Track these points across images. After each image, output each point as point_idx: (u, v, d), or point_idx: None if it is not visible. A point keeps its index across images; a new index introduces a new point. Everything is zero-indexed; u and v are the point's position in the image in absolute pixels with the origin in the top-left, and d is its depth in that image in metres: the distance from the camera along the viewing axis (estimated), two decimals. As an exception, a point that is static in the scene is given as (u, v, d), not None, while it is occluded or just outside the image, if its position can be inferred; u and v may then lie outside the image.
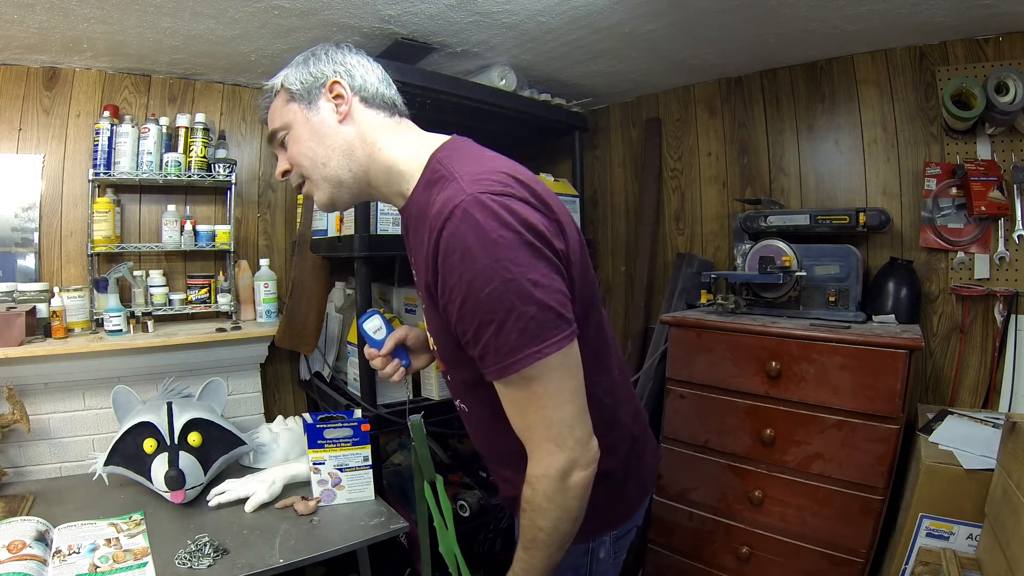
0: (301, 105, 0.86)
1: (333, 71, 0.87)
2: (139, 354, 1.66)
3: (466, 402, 0.94)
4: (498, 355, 0.70)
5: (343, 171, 0.86)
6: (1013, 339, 1.55)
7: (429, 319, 0.87)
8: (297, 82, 0.87)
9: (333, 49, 0.89)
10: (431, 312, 0.82)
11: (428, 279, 0.74)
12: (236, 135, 2.00)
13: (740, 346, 1.55)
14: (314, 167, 0.86)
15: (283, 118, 0.88)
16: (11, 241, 1.67)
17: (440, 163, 0.79)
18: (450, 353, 0.84)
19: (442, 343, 0.85)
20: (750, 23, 1.61)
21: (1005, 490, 1.08)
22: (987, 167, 1.57)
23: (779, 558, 1.50)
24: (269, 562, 1.14)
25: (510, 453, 0.86)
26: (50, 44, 1.56)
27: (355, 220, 1.47)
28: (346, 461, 1.41)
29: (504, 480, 0.99)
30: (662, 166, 2.33)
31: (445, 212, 0.69)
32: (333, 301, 1.90)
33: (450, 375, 0.94)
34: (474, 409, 0.93)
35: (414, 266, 0.90)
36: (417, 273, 0.84)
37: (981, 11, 1.45)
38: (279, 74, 0.90)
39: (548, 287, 0.69)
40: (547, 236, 0.71)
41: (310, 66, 0.87)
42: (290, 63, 0.90)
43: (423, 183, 0.81)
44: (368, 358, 1.05)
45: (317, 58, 0.88)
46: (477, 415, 0.93)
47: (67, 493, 1.45)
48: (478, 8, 1.49)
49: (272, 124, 0.90)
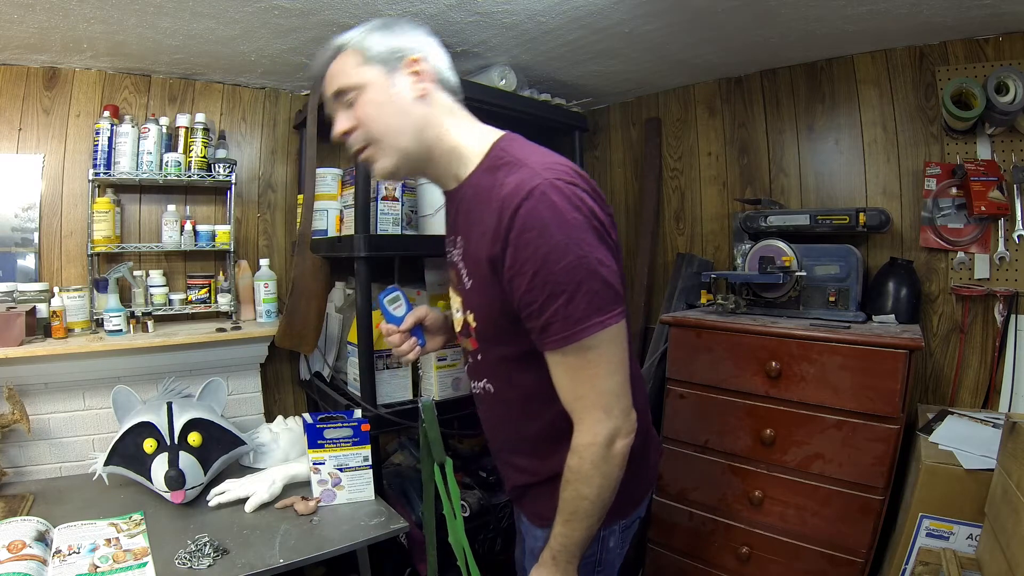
0: (379, 70, 0.86)
1: (414, 47, 0.88)
2: (139, 354, 1.66)
3: (495, 382, 0.95)
4: (566, 323, 0.75)
5: (413, 146, 0.88)
6: (1013, 339, 1.55)
7: (476, 293, 0.89)
8: (377, 46, 0.86)
9: (411, 25, 0.90)
10: (481, 286, 0.86)
11: (492, 252, 0.79)
12: (236, 135, 2.00)
13: (740, 346, 1.55)
14: (388, 134, 0.88)
15: (356, 78, 0.87)
16: (11, 241, 1.67)
17: (504, 151, 0.86)
18: (493, 328, 0.88)
19: (485, 317, 0.88)
20: (750, 23, 1.61)
21: (1005, 490, 1.08)
22: (987, 167, 1.57)
23: (779, 558, 1.50)
24: (269, 562, 1.14)
25: (532, 437, 0.92)
26: (50, 44, 1.56)
27: (355, 220, 1.47)
28: (346, 461, 1.41)
29: (517, 469, 1.00)
30: (662, 166, 2.33)
31: (522, 192, 0.75)
32: (333, 301, 1.90)
33: (483, 353, 0.94)
34: (502, 389, 0.94)
35: (460, 245, 0.92)
36: (470, 250, 0.88)
37: (981, 11, 1.45)
38: (349, 34, 0.88)
39: (610, 267, 0.77)
40: (607, 225, 0.81)
41: (392, 35, 0.88)
42: (362, 26, 0.89)
43: (484, 168, 0.86)
44: (385, 334, 1.05)
45: (399, 30, 0.89)
46: (503, 396, 0.95)
47: (67, 493, 1.45)
48: (478, 8, 1.49)
49: (340, 81, 0.88)
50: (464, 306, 0.93)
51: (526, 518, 1.06)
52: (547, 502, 0.93)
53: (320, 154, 1.83)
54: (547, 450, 0.93)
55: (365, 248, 1.43)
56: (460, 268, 0.92)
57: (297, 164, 2.09)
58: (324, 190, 1.74)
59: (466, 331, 0.96)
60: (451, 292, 1.01)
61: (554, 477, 0.90)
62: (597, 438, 0.81)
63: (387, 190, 1.55)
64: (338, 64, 0.89)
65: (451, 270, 0.98)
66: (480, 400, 1.02)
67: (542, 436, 0.89)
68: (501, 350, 0.91)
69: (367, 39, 0.87)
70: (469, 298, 0.91)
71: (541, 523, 1.00)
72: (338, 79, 0.88)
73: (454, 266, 0.95)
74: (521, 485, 1.02)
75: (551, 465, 0.92)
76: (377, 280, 1.97)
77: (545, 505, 0.94)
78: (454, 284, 0.97)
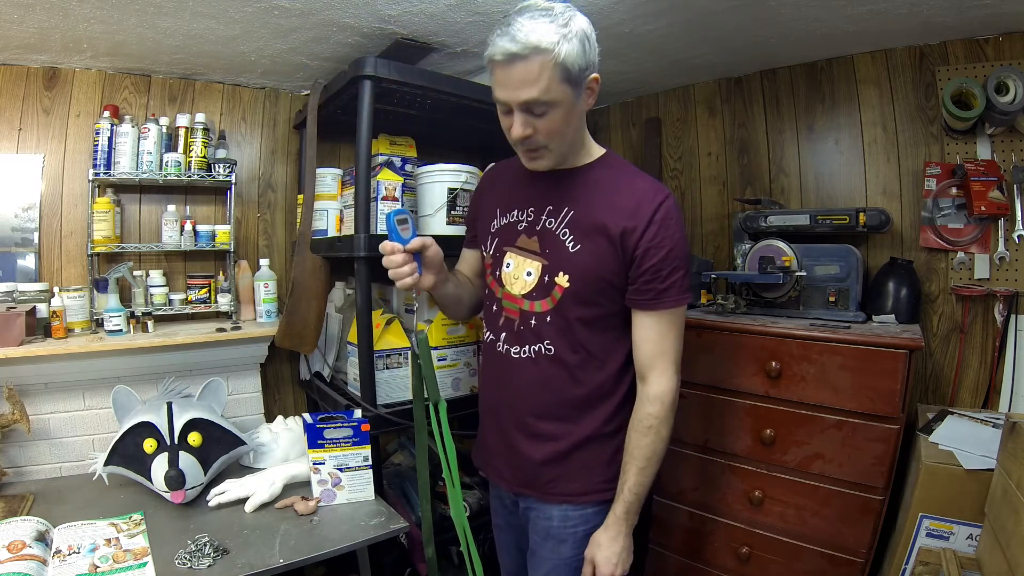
0: (571, 89, 0.93)
1: (596, 61, 0.95)
2: (139, 354, 1.66)
3: (558, 343, 1.05)
4: (680, 290, 1.00)
5: (569, 147, 1.04)
6: (1013, 339, 1.55)
7: (583, 255, 1.02)
8: (575, 65, 0.90)
9: (591, 27, 0.94)
10: (594, 250, 1.01)
11: (628, 226, 0.99)
12: (236, 135, 2.00)
13: (740, 346, 1.55)
14: (562, 144, 1.01)
15: (553, 94, 0.91)
16: (11, 241, 1.67)
17: (619, 159, 1.11)
18: (591, 289, 1.02)
19: (589, 278, 1.02)
20: (750, 23, 1.61)
21: (1005, 490, 1.08)
22: (987, 167, 1.57)
23: (779, 558, 1.50)
24: (269, 562, 1.14)
25: (574, 400, 1.06)
26: (50, 44, 1.56)
27: (355, 220, 1.47)
28: (346, 461, 1.41)
29: (543, 438, 1.08)
30: (662, 166, 2.33)
31: (662, 193, 1.02)
32: (333, 301, 1.90)
33: (556, 315, 1.04)
34: (564, 350, 1.05)
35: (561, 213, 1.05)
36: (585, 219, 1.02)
37: (981, 11, 1.45)
38: (549, 37, 0.88)
39: None
40: None
41: (586, 51, 0.92)
42: (558, 30, 0.88)
43: (602, 164, 1.08)
44: (387, 252, 1.03)
45: (590, 43, 0.93)
46: (562, 358, 1.05)
47: (67, 493, 1.45)
48: (478, 8, 1.49)
49: (537, 95, 0.91)
50: (551, 268, 1.04)
51: (535, 499, 1.10)
52: (575, 474, 1.07)
53: (320, 154, 1.83)
54: (583, 414, 1.07)
55: (365, 248, 1.43)
56: (555, 233, 1.04)
57: (297, 164, 2.10)
58: (324, 190, 1.74)
59: (539, 293, 1.05)
60: (515, 254, 1.10)
61: (583, 443, 1.06)
62: (671, 386, 1.02)
63: (387, 190, 1.55)
64: (535, 72, 0.89)
65: (524, 235, 1.09)
66: (517, 366, 1.09)
67: (583, 399, 1.05)
68: (585, 311, 1.03)
69: (569, 54, 0.89)
70: (567, 260, 1.02)
71: (560, 499, 1.09)
72: (534, 91, 0.91)
73: (534, 231, 1.07)
74: (539, 461, 1.08)
75: (583, 429, 1.06)
76: (377, 280, 1.98)
77: (572, 479, 1.07)
78: (528, 249, 1.07)
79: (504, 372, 1.11)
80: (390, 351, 1.53)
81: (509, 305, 1.10)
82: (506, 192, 1.16)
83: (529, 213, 1.09)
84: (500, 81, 0.93)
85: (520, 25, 0.88)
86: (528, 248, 1.08)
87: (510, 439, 1.13)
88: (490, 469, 1.21)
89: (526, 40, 0.87)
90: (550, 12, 0.90)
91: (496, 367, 1.13)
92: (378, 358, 1.51)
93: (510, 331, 1.10)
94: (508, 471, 1.15)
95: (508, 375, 1.11)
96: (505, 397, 1.12)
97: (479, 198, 1.26)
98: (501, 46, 0.89)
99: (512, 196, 1.14)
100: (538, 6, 0.91)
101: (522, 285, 1.08)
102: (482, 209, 1.21)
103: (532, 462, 1.09)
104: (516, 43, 0.88)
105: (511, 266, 1.10)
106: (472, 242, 1.28)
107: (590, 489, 1.08)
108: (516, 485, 1.14)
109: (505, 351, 1.10)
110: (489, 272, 1.16)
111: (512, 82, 0.91)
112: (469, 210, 1.31)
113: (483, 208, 1.21)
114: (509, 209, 1.13)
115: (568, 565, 1.08)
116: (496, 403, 1.16)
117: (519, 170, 1.11)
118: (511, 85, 0.92)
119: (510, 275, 1.10)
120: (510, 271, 1.10)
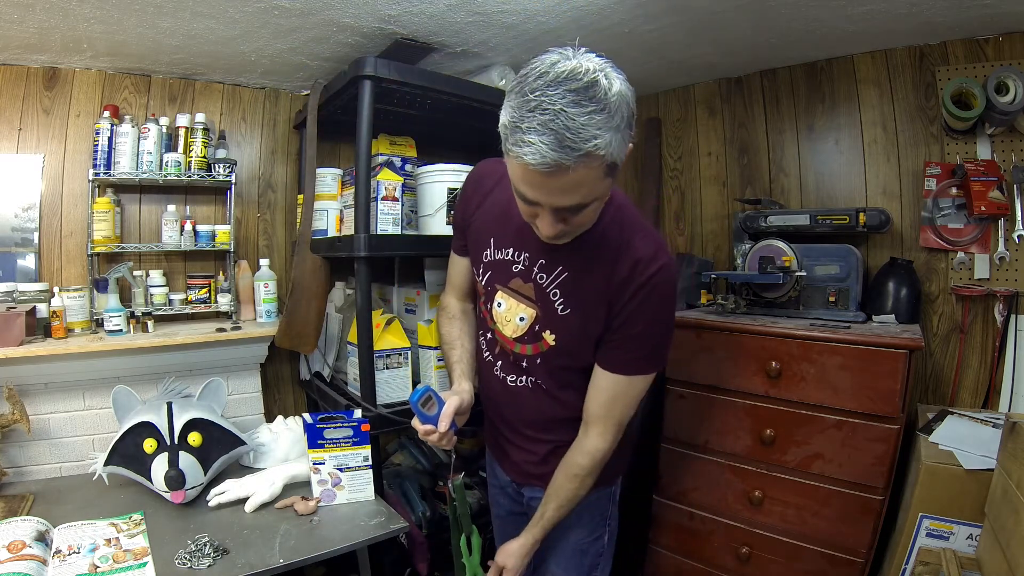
0: (610, 181, 0.82)
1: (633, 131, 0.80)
2: (139, 354, 1.66)
3: (547, 381, 1.09)
4: (646, 363, 1.01)
5: None
6: (1013, 339, 1.56)
7: (572, 319, 1.01)
8: (621, 157, 0.78)
9: (633, 96, 0.77)
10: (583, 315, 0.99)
11: (612, 295, 0.96)
12: (236, 135, 2.00)
13: (740, 346, 1.55)
14: (587, 226, 0.93)
15: (597, 193, 0.81)
16: (11, 241, 1.67)
17: (627, 211, 1.02)
18: (576, 346, 1.02)
19: (573, 339, 1.02)
20: (750, 23, 1.61)
21: (1005, 490, 1.08)
22: (987, 167, 1.57)
23: (779, 558, 1.50)
24: (269, 562, 1.14)
25: (558, 419, 1.12)
26: (50, 44, 1.56)
27: (355, 220, 1.47)
28: (346, 461, 1.41)
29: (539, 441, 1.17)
30: (662, 166, 2.33)
31: (655, 264, 0.95)
32: (333, 301, 1.90)
33: (544, 359, 1.07)
34: (550, 385, 1.10)
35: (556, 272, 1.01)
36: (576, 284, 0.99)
37: (981, 11, 1.45)
38: (602, 141, 0.72)
39: None
40: None
41: (627, 136, 0.77)
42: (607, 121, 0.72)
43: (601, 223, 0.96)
44: (422, 435, 1.05)
45: (633, 116, 0.78)
46: (546, 389, 1.10)
47: (67, 493, 1.45)
48: (478, 8, 1.49)
49: (580, 199, 0.79)
50: (541, 323, 1.04)
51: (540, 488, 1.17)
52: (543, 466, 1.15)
53: (320, 154, 1.83)
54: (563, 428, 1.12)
55: (365, 248, 1.43)
56: (545, 290, 1.02)
57: (297, 164, 2.09)
58: (324, 190, 1.74)
59: (530, 339, 1.06)
60: (507, 296, 1.08)
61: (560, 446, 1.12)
62: (608, 446, 1.04)
63: (387, 190, 1.55)
64: (579, 179, 0.75)
65: (519, 278, 1.05)
66: (512, 391, 1.14)
67: (564, 419, 1.10)
68: (570, 361, 1.05)
69: (618, 149, 0.75)
70: (556, 320, 1.02)
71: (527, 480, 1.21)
72: (576, 198, 0.79)
73: (530, 279, 1.04)
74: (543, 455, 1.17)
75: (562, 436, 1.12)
76: (377, 280, 1.98)
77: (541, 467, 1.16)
78: (523, 294, 1.05)
79: (500, 395, 1.18)
80: (390, 351, 1.53)
81: (502, 342, 1.13)
82: (500, 220, 1.07)
83: (525, 259, 1.03)
84: (531, 182, 0.77)
85: (566, 121, 0.70)
86: (523, 293, 1.05)
87: (514, 441, 1.22)
88: (500, 459, 1.29)
89: (577, 147, 0.70)
90: (594, 91, 0.71)
91: (494, 387, 1.19)
92: (378, 358, 1.51)
93: (505, 360, 1.14)
94: (515, 466, 1.24)
95: (504, 397, 1.17)
96: (504, 413, 1.21)
97: (467, 203, 1.16)
98: (543, 151, 0.71)
99: (506, 228, 1.05)
100: (576, 78, 0.71)
101: (513, 328, 1.07)
102: (473, 221, 1.13)
103: (537, 459, 1.18)
104: (565, 151, 0.70)
105: (503, 307, 1.08)
106: (462, 250, 1.21)
107: None
108: (524, 477, 1.23)
109: (502, 377, 1.16)
110: (483, 300, 1.15)
111: (548, 188, 0.77)
112: (457, 210, 1.21)
113: (474, 221, 1.13)
114: (502, 244, 1.06)
115: (574, 549, 1.20)
116: (496, 416, 1.25)
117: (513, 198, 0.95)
118: (546, 191, 0.78)
119: (502, 316, 1.09)
120: (502, 311, 1.08)
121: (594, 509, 1.19)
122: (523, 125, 0.72)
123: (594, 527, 1.21)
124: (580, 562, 1.21)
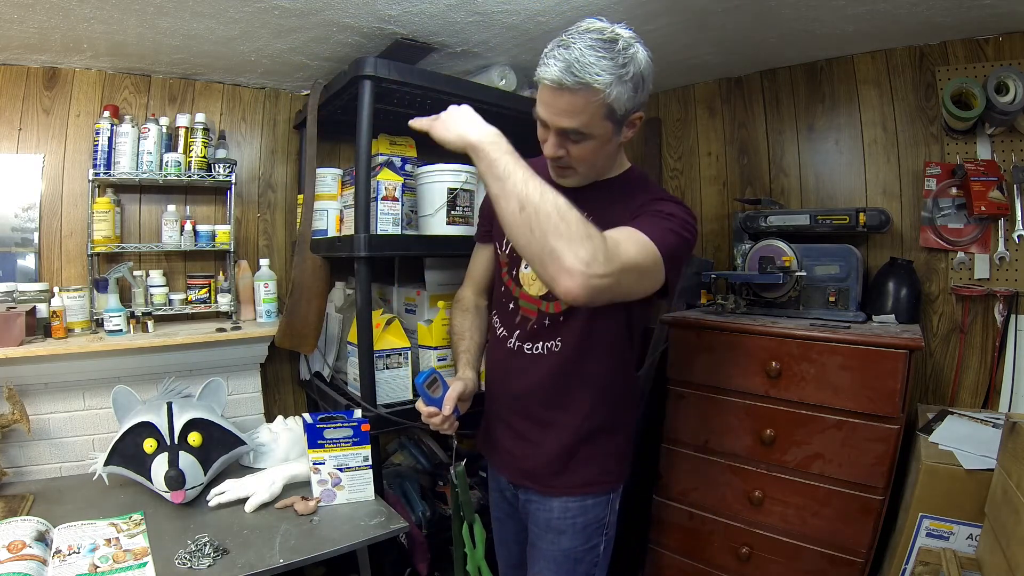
0: (612, 126, 0.94)
1: (646, 101, 0.96)
2: (139, 354, 1.66)
3: (572, 339, 1.08)
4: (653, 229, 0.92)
5: (597, 171, 1.07)
6: (1013, 339, 1.56)
7: None
8: (623, 107, 0.91)
9: (651, 65, 0.94)
10: None
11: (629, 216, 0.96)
12: (236, 135, 2.00)
13: (740, 346, 1.55)
14: (591, 169, 1.04)
15: (593, 128, 0.92)
16: (11, 241, 1.67)
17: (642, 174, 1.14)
18: None
19: None
20: (750, 23, 1.61)
21: (1005, 490, 1.08)
22: (987, 167, 1.57)
23: (779, 558, 1.50)
24: (269, 562, 1.14)
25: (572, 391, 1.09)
26: (50, 44, 1.56)
27: (355, 220, 1.47)
28: (346, 461, 1.41)
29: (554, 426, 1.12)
30: (662, 166, 2.33)
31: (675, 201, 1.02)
32: (333, 301, 1.90)
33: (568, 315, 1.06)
34: (574, 348, 1.08)
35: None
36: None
37: (981, 11, 1.45)
38: (604, 80, 0.86)
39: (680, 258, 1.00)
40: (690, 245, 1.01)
41: (637, 94, 0.92)
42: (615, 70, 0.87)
43: (621, 179, 1.10)
44: (425, 416, 1.09)
45: (644, 85, 0.92)
46: (567, 356, 1.08)
47: (67, 493, 1.45)
48: (478, 8, 1.49)
49: (575, 125, 0.92)
50: None
51: (536, 491, 1.15)
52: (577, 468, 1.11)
53: (320, 154, 1.83)
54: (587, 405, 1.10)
55: (365, 248, 1.43)
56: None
57: (297, 164, 2.09)
58: (324, 190, 1.74)
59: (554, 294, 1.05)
60: None
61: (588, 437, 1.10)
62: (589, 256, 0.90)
63: (387, 190, 1.55)
64: (580, 105, 0.89)
65: None
66: (530, 358, 1.12)
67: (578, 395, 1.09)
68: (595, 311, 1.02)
69: (619, 97, 0.88)
70: None
71: (561, 492, 1.13)
72: (574, 122, 0.91)
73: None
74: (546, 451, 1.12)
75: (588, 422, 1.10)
76: (377, 280, 1.98)
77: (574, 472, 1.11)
78: None
79: (515, 366, 1.15)
80: (390, 351, 1.53)
81: (526, 305, 1.13)
82: None
83: None
84: (544, 100, 0.94)
85: (578, 55, 0.86)
86: None
87: (518, 430, 1.17)
88: (495, 457, 1.26)
89: (579, 75, 0.86)
90: (613, 45, 0.87)
91: (507, 361, 1.17)
92: (378, 358, 1.51)
93: (524, 329, 1.13)
94: (512, 462, 1.20)
95: (519, 369, 1.15)
96: (515, 389, 1.17)
97: None
98: (553, 72, 0.88)
99: None
100: (603, 33, 0.89)
101: (540, 286, 1.09)
102: None
103: (539, 452, 1.14)
104: (569, 75, 0.86)
105: (530, 267, 1.09)
106: (486, 236, 1.28)
107: (590, 481, 1.14)
108: (519, 477, 1.19)
109: (517, 348, 1.14)
110: (505, 271, 1.18)
111: (555, 107, 0.92)
112: (485, 201, 1.30)
113: None
114: None
115: (567, 556, 1.15)
116: (505, 394, 1.20)
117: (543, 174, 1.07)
118: (553, 109, 0.92)
119: (528, 276, 1.12)
120: (528, 272, 1.11)
121: (591, 517, 1.15)
122: (549, 53, 0.90)
123: (590, 535, 1.16)
124: (573, 569, 1.16)
